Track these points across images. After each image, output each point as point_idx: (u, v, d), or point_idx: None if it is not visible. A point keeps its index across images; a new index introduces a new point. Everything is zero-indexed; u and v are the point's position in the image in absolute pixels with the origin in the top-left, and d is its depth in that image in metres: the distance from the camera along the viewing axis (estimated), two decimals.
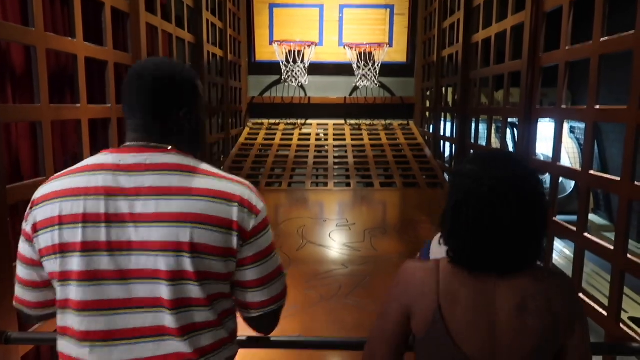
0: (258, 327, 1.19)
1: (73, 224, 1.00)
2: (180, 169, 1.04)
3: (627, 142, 2.30)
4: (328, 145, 6.62)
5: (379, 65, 7.04)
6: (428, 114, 6.88)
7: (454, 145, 5.50)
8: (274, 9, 7.38)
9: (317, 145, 6.59)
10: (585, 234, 2.65)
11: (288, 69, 6.99)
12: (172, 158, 1.05)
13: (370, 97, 7.38)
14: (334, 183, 5.58)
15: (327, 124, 7.29)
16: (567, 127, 7.86)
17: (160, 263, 0.99)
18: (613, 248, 2.35)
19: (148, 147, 1.06)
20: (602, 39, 2.55)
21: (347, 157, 6.25)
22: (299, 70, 6.98)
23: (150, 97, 1.07)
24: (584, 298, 2.56)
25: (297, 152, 6.34)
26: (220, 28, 5.97)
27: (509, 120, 4.65)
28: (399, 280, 1.12)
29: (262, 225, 1.08)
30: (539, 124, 3.42)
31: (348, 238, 3.85)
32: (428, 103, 6.90)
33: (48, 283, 1.08)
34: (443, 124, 6.07)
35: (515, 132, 6.35)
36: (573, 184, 7.53)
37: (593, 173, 2.63)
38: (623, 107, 2.34)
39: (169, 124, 1.09)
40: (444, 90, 6.12)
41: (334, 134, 6.98)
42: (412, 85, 7.48)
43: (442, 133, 6.10)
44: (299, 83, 7.15)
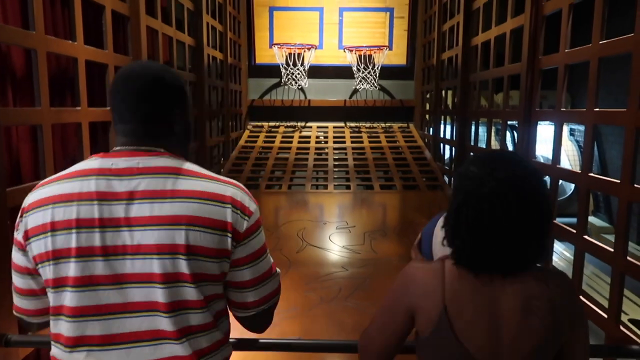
0: (252, 326, 1.19)
1: (66, 230, 1.00)
2: (173, 172, 1.04)
3: (626, 144, 2.30)
4: (328, 148, 6.63)
5: (379, 68, 7.05)
6: (428, 117, 6.88)
7: (454, 148, 5.50)
8: (274, 12, 7.39)
9: (317, 148, 6.59)
10: (585, 236, 2.65)
11: (288, 72, 7.00)
12: (164, 161, 1.06)
13: (370, 99, 7.39)
14: (334, 185, 5.58)
15: (327, 127, 7.30)
16: (566, 129, 7.87)
17: (156, 266, 0.99)
18: (613, 250, 2.35)
19: (139, 150, 1.06)
20: (601, 42, 2.55)
21: (347, 159, 6.26)
22: (299, 73, 6.99)
23: (141, 101, 1.07)
24: (584, 300, 2.56)
25: (297, 154, 6.34)
26: (220, 31, 5.98)
27: (509, 123, 4.65)
28: (405, 281, 1.13)
29: (254, 227, 1.09)
30: (539, 127, 3.42)
31: (348, 240, 3.85)
32: (428, 106, 6.91)
33: (46, 290, 1.07)
34: (443, 127, 6.07)
35: (515, 134, 6.35)
36: (573, 186, 7.53)
37: (593, 175, 2.63)
38: (622, 109, 2.34)
39: (159, 127, 1.09)
40: (444, 93, 6.13)
41: (334, 137, 6.98)
42: (411, 88, 7.49)
43: (442, 135, 6.10)
44: (299, 86, 7.17)
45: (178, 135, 1.13)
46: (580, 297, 2.56)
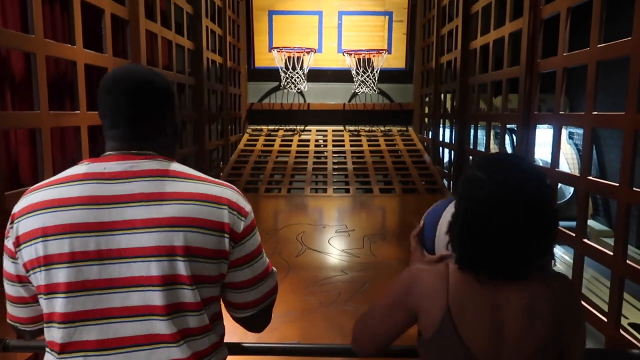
0: (251, 325, 1.19)
1: (59, 235, 0.98)
2: (167, 175, 1.04)
3: (625, 147, 2.30)
4: (327, 152, 6.63)
5: (378, 72, 7.07)
6: (427, 120, 6.89)
7: (453, 151, 5.50)
8: (273, 16, 7.41)
9: (316, 152, 6.59)
10: (585, 240, 2.65)
11: (287, 76, 7.01)
12: (157, 164, 1.05)
13: (369, 103, 7.40)
14: (333, 189, 5.58)
15: (326, 130, 7.31)
16: (565, 133, 7.88)
17: (153, 269, 0.98)
18: (612, 254, 2.35)
19: (130, 154, 1.06)
20: (599, 45, 2.56)
21: (346, 163, 6.26)
22: (298, 77, 7.01)
23: (131, 104, 1.06)
24: (584, 304, 2.55)
25: (296, 158, 6.35)
26: (220, 35, 6.00)
27: (508, 126, 4.66)
28: (409, 282, 1.13)
29: (251, 227, 1.09)
30: (538, 130, 3.43)
31: (347, 244, 3.84)
32: (427, 109, 6.92)
33: (37, 297, 1.05)
34: (442, 130, 6.08)
35: (514, 137, 6.36)
36: (572, 190, 7.53)
37: (591, 178, 2.64)
38: (620, 113, 2.35)
39: (150, 130, 1.09)
40: (443, 97, 6.14)
41: (333, 140, 6.99)
42: (410, 92, 7.50)
43: (441, 139, 6.11)
44: (298, 89, 7.18)
45: (168, 137, 1.13)
46: (580, 301, 2.56)
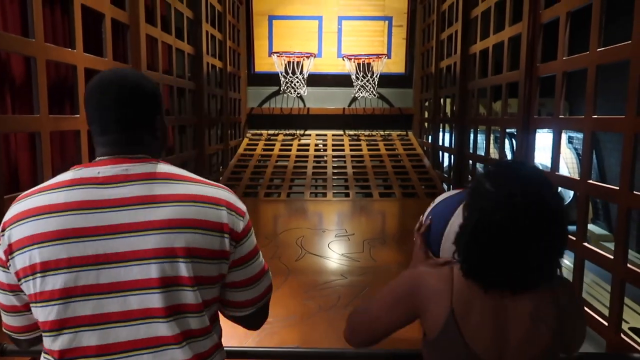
0: (250, 324, 1.20)
1: (55, 241, 0.97)
2: (163, 177, 1.04)
3: (624, 151, 2.30)
4: (327, 156, 6.64)
5: (378, 77, 7.08)
6: (427, 125, 6.90)
7: (453, 156, 5.51)
8: (273, 21, 7.44)
9: (316, 156, 6.60)
10: (585, 244, 2.64)
11: (287, 80, 7.03)
12: (151, 167, 1.05)
13: (369, 107, 7.41)
14: (333, 193, 5.57)
15: (326, 135, 7.32)
16: (565, 137, 7.88)
17: (153, 271, 0.98)
18: (613, 257, 2.34)
19: (124, 158, 1.05)
20: (599, 49, 2.56)
21: (346, 167, 6.26)
22: (298, 82, 7.02)
23: (123, 109, 1.06)
24: (584, 308, 2.55)
25: (296, 162, 6.35)
26: (220, 39, 6.01)
27: (508, 131, 4.66)
28: (413, 284, 1.13)
29: (249, 227, 1.11)
30: (537, 134, 3.43)
31: (347, 248, 3.83)
32: (426, 114, 6.93)
33: (29, 306, 1.03)
34: (442, 135, 6.09)
35: (514, 142, 6.36)
36: (572, 194, 7.53)
37: (592, 182, 2.63)
38: (620, 116, 2.35)
39: (141, 134, 1.09)
40: (443, 101, 6.15)
41: (333, 145, 6.99)
42: (410, 96, 7.52)
43: (440, 143, 6.12)
44: (298, 94, 7.19)
45: (158, 140, 1.14)
46: (580, 297, 2.56)
